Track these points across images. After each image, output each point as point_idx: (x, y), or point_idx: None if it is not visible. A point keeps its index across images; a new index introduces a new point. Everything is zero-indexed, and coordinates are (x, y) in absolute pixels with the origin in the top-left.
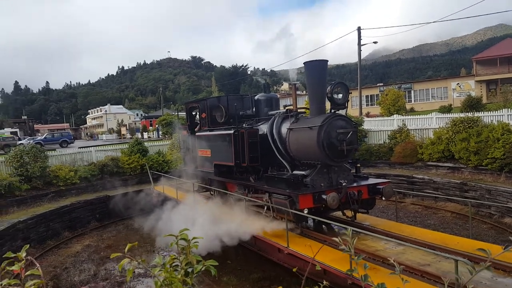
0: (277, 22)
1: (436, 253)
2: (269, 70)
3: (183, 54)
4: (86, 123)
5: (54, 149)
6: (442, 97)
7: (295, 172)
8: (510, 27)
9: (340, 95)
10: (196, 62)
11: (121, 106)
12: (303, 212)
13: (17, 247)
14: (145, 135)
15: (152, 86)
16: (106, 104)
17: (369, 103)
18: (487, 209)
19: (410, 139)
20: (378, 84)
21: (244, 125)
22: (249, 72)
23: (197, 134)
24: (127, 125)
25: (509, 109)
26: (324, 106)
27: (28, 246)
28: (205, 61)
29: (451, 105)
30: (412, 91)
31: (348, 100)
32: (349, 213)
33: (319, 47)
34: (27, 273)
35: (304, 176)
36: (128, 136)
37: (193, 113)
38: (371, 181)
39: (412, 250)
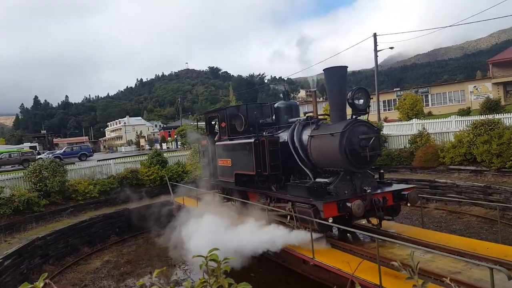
0: (292, 31)
1: (467, 260)
2: (285, 78)
3: (201, 65)
4: (105, 136)
5: (73, 163)
6: (460, 100)
7: (317, 179)
8: None
9: (361, 101)
10: (213, 72)
11: (139, 117)
12: (328, 221)
13: (35, 265)
14: (164, 146)
15: (171, 97)
16: (125, 116)
17: (387, 108)
18: None
19: (431, 143)
20: (394, 89)
21: (264, 133)
22: (266, 81)
23: (217, 143)
24: (146, 137)
25: None
26: (345, 112)
27: (46, 274)
28: (222, 71)
29: (469, 108)
30: (429, 95)
31: (369, 106)
32: (374, 220)
33: (335, 54)
34: None
35: (328, 183)
36: (147, 147)
37: (213, 122)
38: (395, 187)
39: (441, 258)
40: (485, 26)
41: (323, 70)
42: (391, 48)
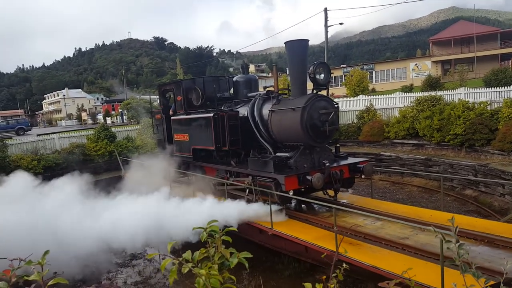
0: (239, 2)
1: (419, 226)
2: (234, 52)
3: (145, 34)
4: (42, 109)
5: (11, 138)
6: (402, 77)
7: (278, 154)
8: (461, 9)
9: (322, 75)
10: (159, 43)
11: (80, 90)
12: (289, 194)
13: None
14: (108, 120)
15: (113, 69)
16: (64, 88)
17: (333, 84)
18: (450, 182)
19: (377, 118)
20: (341, 66)
21: (222, 107)
22: (214, 54)
23: (172, 118)
24: (88, 110)
25: (466, 88)
26: (306, 86)
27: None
28: (168, 42)
29: (412, 85)
30: (374, 72)
31: (329, 81)
32: (330, 192)
33: (281, 31)
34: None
35: (288, 158)
36: (90, 121)
37: (167, 95)
38: (351, 160)
39: (390, 225)
40: (426, 6)
41: (285, 43)
42: (341, 24)
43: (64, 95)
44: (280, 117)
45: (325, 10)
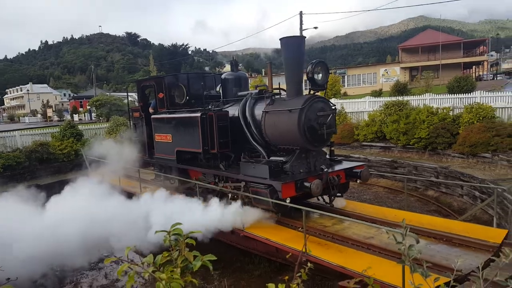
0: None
1: (378, 227)
2: (210, 51)
3: (117, 29)
4: (3, 104)
5: None
6: (372, 82)
7: (272, 158)
8: (429, 18)
9: (320, 75)
10: (131, 38)
11: (45, 85)
12: (286, 202)
13: None
14: (76, 117)
15: (82, 64)
16: (28, 83)
17: (307, 87)
18: (413, 183)
19: (348, 121)
20: None
21: (210, 107)
22: (190, 52)
23: (153, 116)
24: (54, 106)
25: (431, 94)
26: (302, 86)
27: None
28: (141, 38)
29: (381, 90)
30: (346, 76)
31: (327, 81)
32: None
33: (258, 31)
34: None
35: (284, 162)
36: (56, 118)
37: (147, 92)
38: (346, 164)
39: (356, 224)
40: (396, 14)
41: (280, 39)
42: (315, 28)
43: (28, 90)
44: (275, 118)
45: (300, 13)
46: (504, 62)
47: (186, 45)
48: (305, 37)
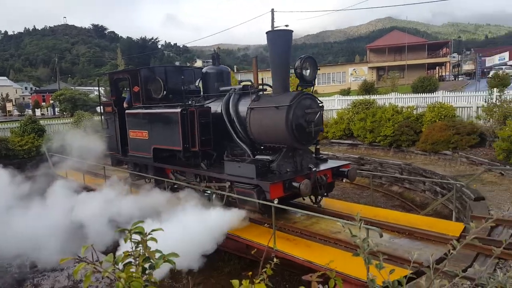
0: None
1: (345, 222)
2: (181, 46)
3: (83, 21)
4: None
5: None
6: (341, 81)
7: (258, 157)
8: (396, 20)
9: (308, 71)
10: (98, 31)
11: (5, 77)
12: (274, 202)
13: None
14: (38, 112)
15: (45, 56)
16: None
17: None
18: (379, 180)
19: None
20: None
21: (190, 102)
22: (159, 47)
23: (128, 111)
24: (14, 100)
25: (396, 93)
26: (289, 82)
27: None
28: (109, 30)
29: (349, 89)
30: (316, 75)
31: (315, 77)
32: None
33: (229, 27)
34: None
35: (271, 161)
36: (16, 113)
37: (120, 86)
38: (332, 163)
39: (324, 220)
40: (365, 15)
41: (266, 33)
42: (286, 26)
43: None
44: (261, 115)
45: (272, 11)
46: (465, 64)
47: (156, 39)
48: (292, 31)
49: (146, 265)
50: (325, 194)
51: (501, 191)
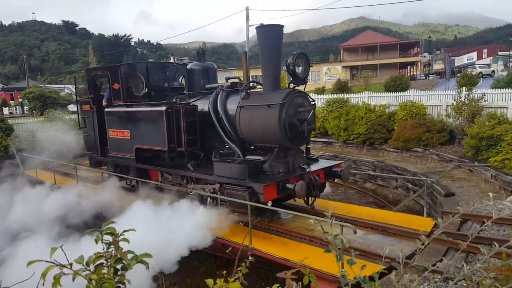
0: None
1: (319, 219)
2: (154, 43)
3: (52, 17)
4: None
5: None
6: (316, 79)
7: (249, 157)
8: (368, 19)
9: (300, 68)
10: (68, 27)
11: None
12: (267, 205)
13: None
14: (6, 110)
15: (12, 53)
16: None
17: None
18: (353, 177)
19: None
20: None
21: (174, 99)
22: (132, 44)
23: (107, 110)
24: None
25: (369, 92)
26: (280, 80)
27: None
28: (80, 27)
29: (324, 87)
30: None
31: (308, 75)
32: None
33: (205, 25)
34: None
35: (262, 162)
36: None
37: (98, 82)
38: (324, 163)
39: (299, 217)
40: (338, 14)
41: (256, 28)
42: (262, 24)
43: None
44: (251, 114)
45: (247, 8)
46: (435, 63)
47: (129, 36)
48: (283, 26)
49: (118, 266)
50: (318, 195)
51: (470, 187)
